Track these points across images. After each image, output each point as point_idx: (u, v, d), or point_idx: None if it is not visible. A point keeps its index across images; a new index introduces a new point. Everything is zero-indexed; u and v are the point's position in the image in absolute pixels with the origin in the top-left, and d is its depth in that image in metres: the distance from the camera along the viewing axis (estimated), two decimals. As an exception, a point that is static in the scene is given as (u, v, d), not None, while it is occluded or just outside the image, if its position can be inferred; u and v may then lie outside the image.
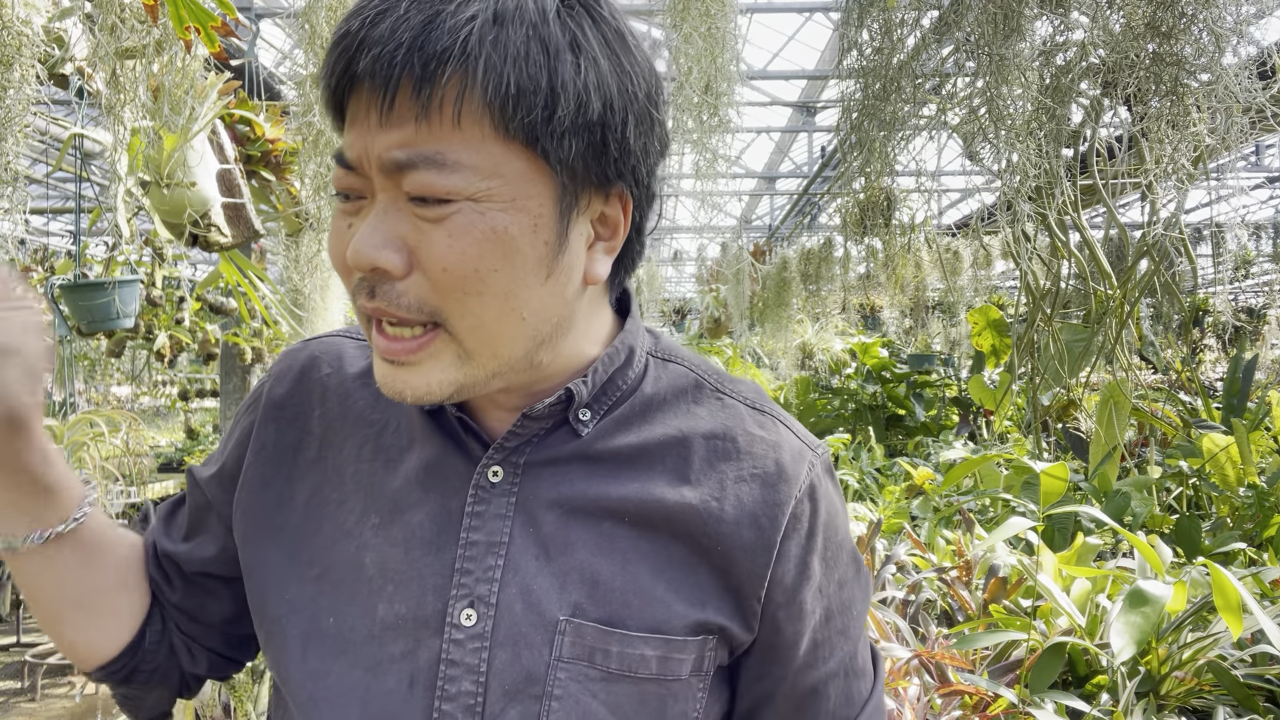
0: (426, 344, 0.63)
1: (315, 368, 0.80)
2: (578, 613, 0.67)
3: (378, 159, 0.60)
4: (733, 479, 0.71)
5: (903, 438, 5.94)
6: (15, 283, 0.66)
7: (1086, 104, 1.95)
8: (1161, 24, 1.70)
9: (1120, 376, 2.71)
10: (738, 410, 0.75)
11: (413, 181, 0.59)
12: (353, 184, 0.63)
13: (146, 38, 1.67)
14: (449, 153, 0.59)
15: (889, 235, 5.03)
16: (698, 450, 0.72)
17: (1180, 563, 2.04)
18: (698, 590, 0.69)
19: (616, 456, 0.71)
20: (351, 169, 0.62)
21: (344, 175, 0.63)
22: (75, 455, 3.89)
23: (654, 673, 0.67)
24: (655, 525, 0.69)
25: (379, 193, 0.61)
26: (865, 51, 2.11)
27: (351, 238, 0.62)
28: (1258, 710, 1.37)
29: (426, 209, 0.60)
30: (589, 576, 0.68)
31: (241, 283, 3.11)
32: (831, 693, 0.74)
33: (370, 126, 0.60)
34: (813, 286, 7.10)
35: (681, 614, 0.68)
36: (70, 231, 8.87)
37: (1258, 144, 7.80)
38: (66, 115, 3.37)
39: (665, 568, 0.69)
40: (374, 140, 0.59)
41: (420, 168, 0.59)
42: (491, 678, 0.65)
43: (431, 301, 0.61)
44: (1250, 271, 9.75)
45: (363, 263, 0.60)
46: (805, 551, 0.71)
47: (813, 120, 7.41)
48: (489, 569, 0.67)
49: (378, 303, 0.62)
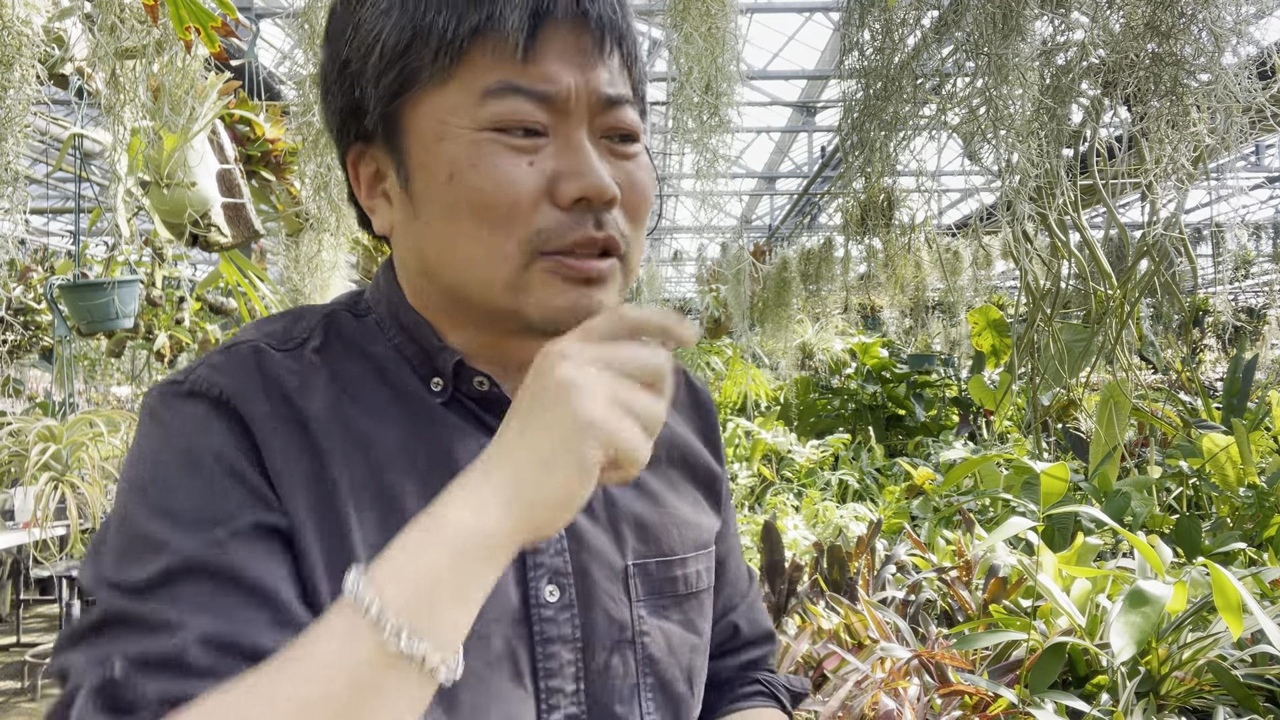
0: (613, 264, 0.65)
1: (278, 377, 0.65)
2: (638, 555, 0.73)
3: (593, 95, 0.62)
4: (681, 408, 0.86)
5: (903, 438, 5.94)
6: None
7: (1086, 104, 1.95)
8: (1161, 24, 1.70)
9: (1120, 376, 2.71)
10: None
11: (619, 118, 0.64)
12: (541, 118, 0.62)
13: (146, 38, 1.67)
14: (630, 96, 0.65)
15: (889, 235, 5.03)
16: None
17: (1180, 563, 2.04)
18: (700, 504, 0.82)
19: None
20: (547, 100, 0.61)
21: (534, 109, 0.61)
22: (75, 455, 3.89)
23: (704, 584, 0.79)
24: (660, 459, 0.79)
25: (576, 129, 0.63)
26: (866, 51, 2.11)
27: (540, 175, 0.62)
28: (1258, 710, 1.37)
29: (627, 145, 0.65)
30: (634, 520, 0.74)
31: (241, 283, 3.11)
32: (731, 564, 0.90)
33: (583, 62, 0.62)
34: (813, 286, 7.11)
35: (705, 526, 0.81)
36: (70, 231, 8.86)
37: (1258, 144, 7.80)
38: (66, 115, 3.37)
39: (676, 493, 0.80)
40: (588, 76, 0.62)
41: (624, 106, 0.64)
42: (588, 639, 0.68)
43: (628, 231, 0.66)
44: (1250, 271, 9.75)
45: (607, 194, 0.62)
46: (722, 451, 0.88)
47: (813, 120, 7.41)
48: (556, 542, 0.69)
49: (608, 232, 0.63)
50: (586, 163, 0.62)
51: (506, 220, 0.61)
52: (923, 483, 3.24)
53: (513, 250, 0.62)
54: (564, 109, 0.62)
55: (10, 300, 5.80)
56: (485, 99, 0.60)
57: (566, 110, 0.62)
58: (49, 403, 5.97)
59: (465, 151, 0.61)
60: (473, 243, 0.63)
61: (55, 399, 5.03)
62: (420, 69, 0.61)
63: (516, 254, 0.62)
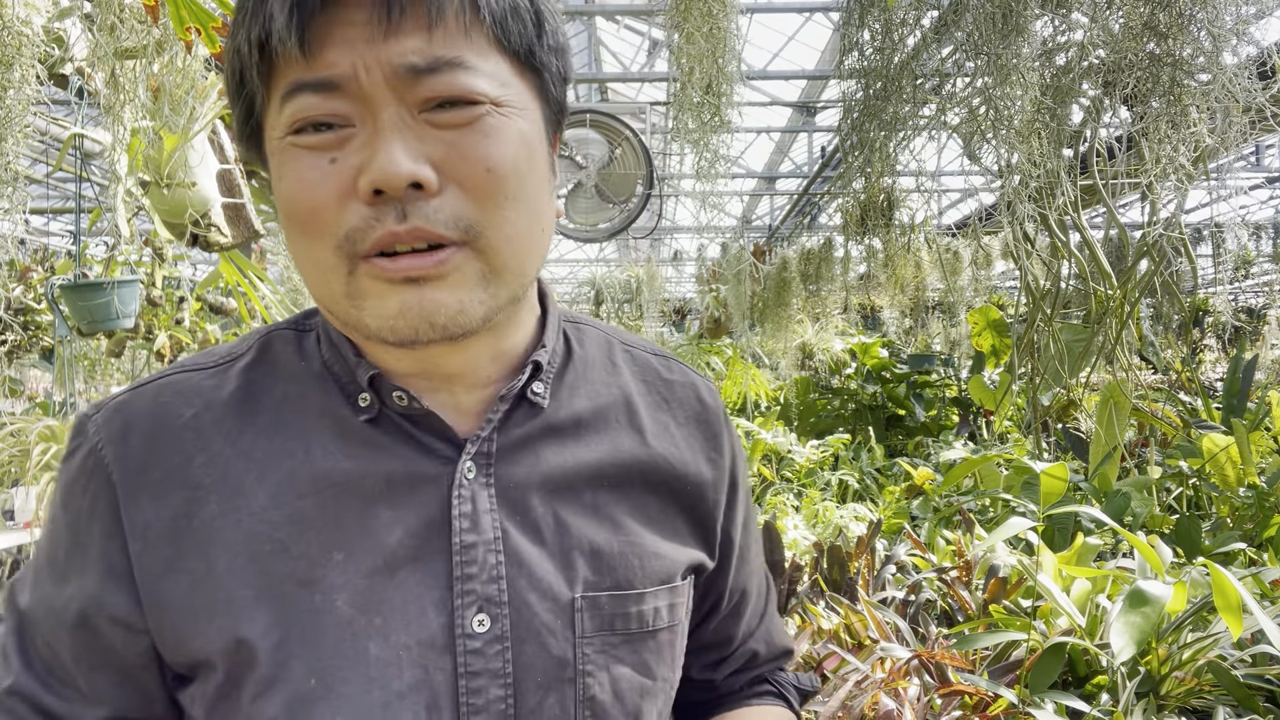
0: (451, 256, 0.58)
1: (170, 413, 0.65)
2: (588, 586, 0.67)
3: (388, 69, 0.56)
4: (675, 424, 0.77)
5: (903, 438, 5.93)
6: None
7: (1086, 104, 1.95)
8: (1160, 24, 1.70)
9: (1120, 376, 2.71)
10: (648, 361, 0.81)
11: (436, 85, 0.57)
12: (336, 109, 0.57)
13: (147, 38, 1.67)
14: (468, 57, 0.58)
15: (889, 235, 5.03)
16: (639, 404, 0.76)
17: (1180, 563, 2.04)
18: (679, 534, 0.75)
19: (578, 423, 0.72)
20: (335, 88, 0.56)
21: (322, 100, 0.57)
22: (75, 455, 3.89)
23: (667, 623, 0.72)
24: (632, 482, 0.72)
25: (382, 111, 0.56)
26: (866, 52, 2.11)
27: (342, 172, 0.57)
28: (1258, 710, 1.37)
29: (454, 112, 0.58)
30: (588, 549, 0.68)
31: (241, 283, 3.11)
32: (753, 589, 0.85)
33: (368, 39, 0.56)
34: (813, 286, 7.10)
35: (675, 561, 0.73)
36: (70, 231, 8.86)
37: (1258, 144, 7.80)
38: (66, 115, 3.37)
39: (647, 521, 0.73)
40: (378, 51, 0.56)
41: (443, 71, 0.57)
42: (520, 675, 0.63)
43: (467, 214, 0.58)
44: (1250, 271, 9.74)
45: (398, 181, 0.55)
46: (733, 471, 0.80)
47: (813, 120, 7.41)
48: (492, 568, 0.64)
49: (413, 223, 0.56)
50: (378, 148, 0.56)
51: (316, 227, 0.58)
52: (923, 483, 3.24)
53: (331, 258, 0.58)
54: (358, 93, 0.56)
55: (10, 300, 5.80)
56: (283, 105, 0.58)
57: (361, 94, 0.56)
58: (49, 403, 5.97)
59: (276, 163, 0.60)
60: (305, 258, 0.61)
61: (55, 399, 5.03)
62: (254, 94, 0.60)
63: (336, 261, 0.58)
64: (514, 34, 0.60)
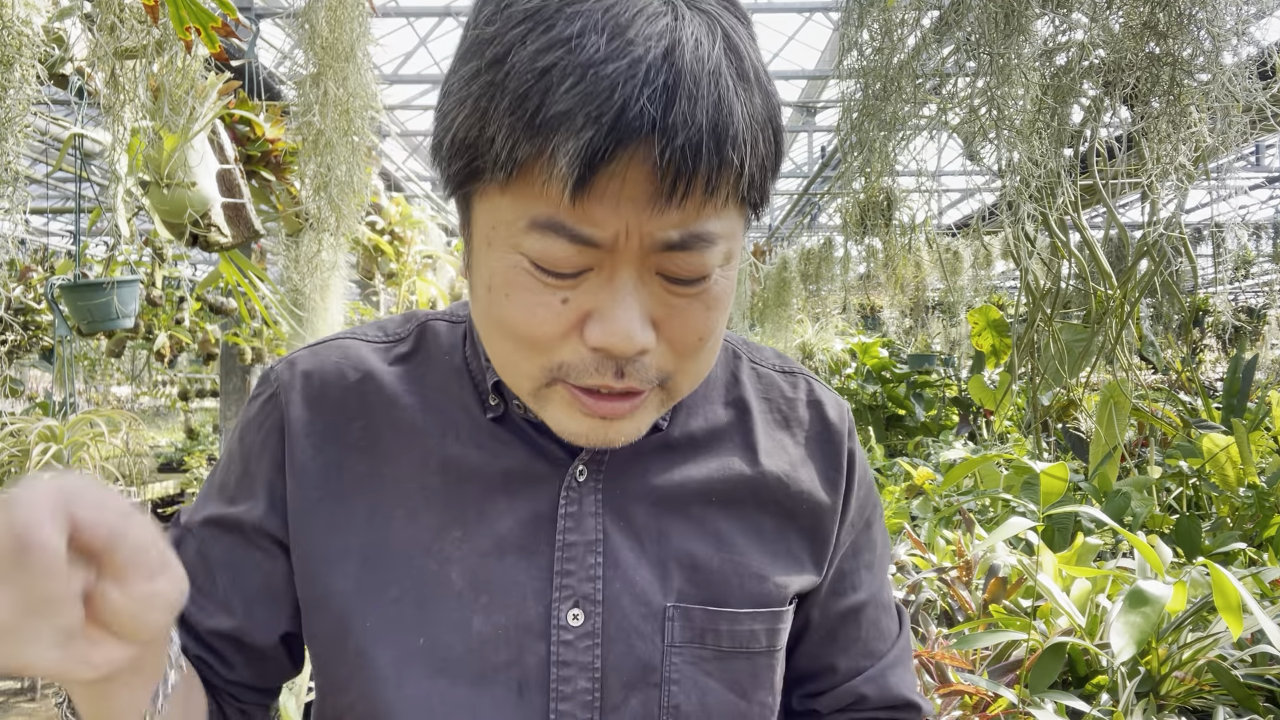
0: (645, 399, 0.61)
1: (340, 376, 0.73)
2: (682, 598, 0.69)
3: (648, 240, 0.55)
4: (794, 443, 0.77)
5: (903, 438, 5.94)
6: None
7: (1087, 104, 1.95)
8: (1160, 24, 1.70)
9: (1120, 376, 2.71)
10: (772, 379, 0.80)
11: (684, 263, 0.56)
12: (586, 262, 0.56)
13: (146, 38, 1.67)
14: (712, 228, 0.56)
15: (889, 235, 5.03)
16: (758, 422, 0.76)
17: (1180, 563, 2.04)
18: (792, 557, 0.74)
19: (693, 441, 0.73)
20: (591, 244, 0.55)
21: (575, 254, 0.55)
22: (76, 455, 3.89)
23: (764, 646, 0.71)
24: (742, 500, 0.73)
25: (624, 269, 0.56)
26: (865, 51, 2.11)
27: (572, 312, 0.57)
28: (1258, 710, 1.37)
29: (685, 286, 0.58)
30: (687, 561, 0.70)
31: (241, 283, 3.11)
32: (864, 621, 0.80)
33: (640, 205, 0.53)
34: (813, 286, 7.10)
35: (781, 584, 0.72)
36: (70, 231, 8.86)
37: (1258, 144, 7.80)
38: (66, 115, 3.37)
39: (759, 540, 0.73)
40: (646, 221, 0.54)
41: (692, 248, 0.56)
42: (608, 672, 0.66)
43: (668, 367, 0.60)
44: (1250, 271, 9.75)
45: (631, 349, 0.56)
46: (852, 492, 0.78)
47: (813, 120, 7.41)
48: (590, 567, 0.67)
49: (629, 382, 0.59)
50: (615, 312, 0.56)
51: (530, 349, 0.59)
52: (923, 483, 3.24)
53: (535, 371, 0.60)
54: (609, 250, 0.55)
55: (10, 300, 5.80)
56: (530, 228, 0.55)
57: (613, 251, 0.55)
58: (49, 403, 5.97)
59: (502, 273, 0.58)
60: (501, 352, 0.62)
61: (55, 399, 5.03)
62: (483, 170, 0.56)
63: (538, 374, 0.60)
64: (756, 189, 0.58)
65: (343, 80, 2.11)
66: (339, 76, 2.11)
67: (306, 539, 0.69)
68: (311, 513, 0.69)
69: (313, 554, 0.69)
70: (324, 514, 0.69)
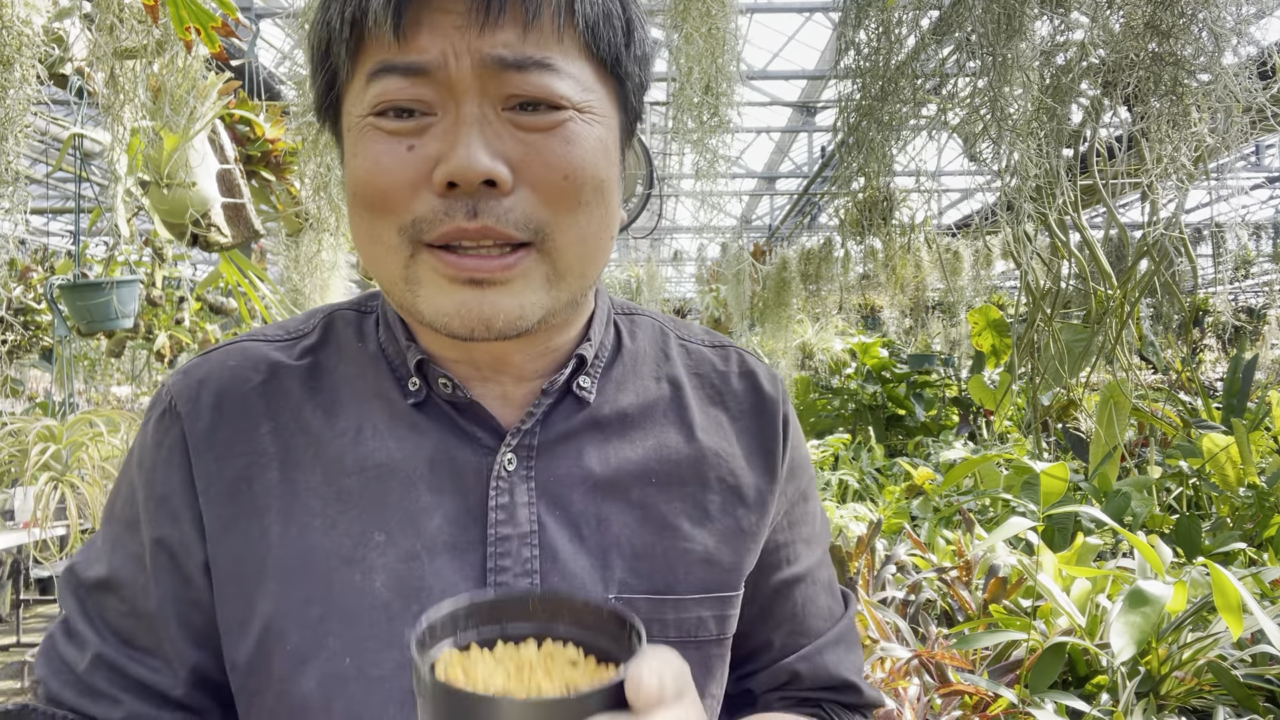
0: (519, 260, 0.58)
1: (240, 379, 0.68)
2: (624, 588, 0.65)
3: (477, 58, 0.55)
4: (729, 418, 0.74)
5: (903, 438, 5.93)
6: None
7: (1086, 104, 1.95)
8: (1161, 24, 1.70)
9: (1120, 376, 2.70)
10: (702, 353, 0.78)
11: (522, 83, 0.56)
12: (421, 94, 0.56)
13: (146, 38, 1.67)
14: (556, 60, 0.57)
15: (889, 235, 5.03)
16: (690, 398, 0.74)
17: (1180, 563, 2.04)
18: (740, 534, 0.71)
19: (624, 418, 0.70)
20: (423, 74, 0.56)
21: (409, 85, 0.56)
22: (75, 455, 3.89)
23: (714, 634, 0.68)
24: (683, 480, 0.70)
25: (465, 103, 0.56)
26: (863, 52, 2.11)
27: (419, 160, 0.57)
28: (1258, 710, 1.37)
29: (537, 116, 0.57)
30: (628, 549, 0.66)
31: (241, 283, 3.11)
32: (798, 596, 0.76)
33: (462, 28, 0.55)
34: (813, 286, 7.10)
35: (730, 566, 0.69)
36: (70, 231, 8.86)
37: (1258, 144, 7.80)
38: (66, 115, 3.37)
39: (704, 522, 0.69)
40: (470, 40, 0.55)
41: (530, 70, 0.56)
42: None
43: (539, 216, 0.58)
44: (1250, 271, 9.74)
45: (474, 175, 0.55)
46: (787, 466, 0.75)
47: (813, 120, 7.42)
48: (525, 561, 0.63)
49: (483, 221, 0.56)
50: (456, 142, 0.56)
51: (384, 208, 0.58)
52: (923, 483, 3.24)
53: (395, 239, 0.59)
54: (444, 81, 0.56)
55: (10, 300, 5.80)
56: (368, 84, 0.58)
57: (448, 82, 0.56)
58: (49, 403, 5.97)
59: (352, 141, 0.60)
60: (365, 234, 0.61)
61: (55, 399, 5.03)
62: (338, 68, 0.60)
63: (398, 242, 0.59)
64: (604, 41, 0.59)
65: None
66: (339, 76, 2.11)
67: (224, 559, 0.63)
68: (225, 531, 0.64)
69: (230, 575, 0.63)
70: (238, 532, 0.63)
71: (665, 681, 0.41)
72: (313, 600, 0.62)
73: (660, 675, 0.41)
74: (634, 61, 0.63)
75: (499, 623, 0.49)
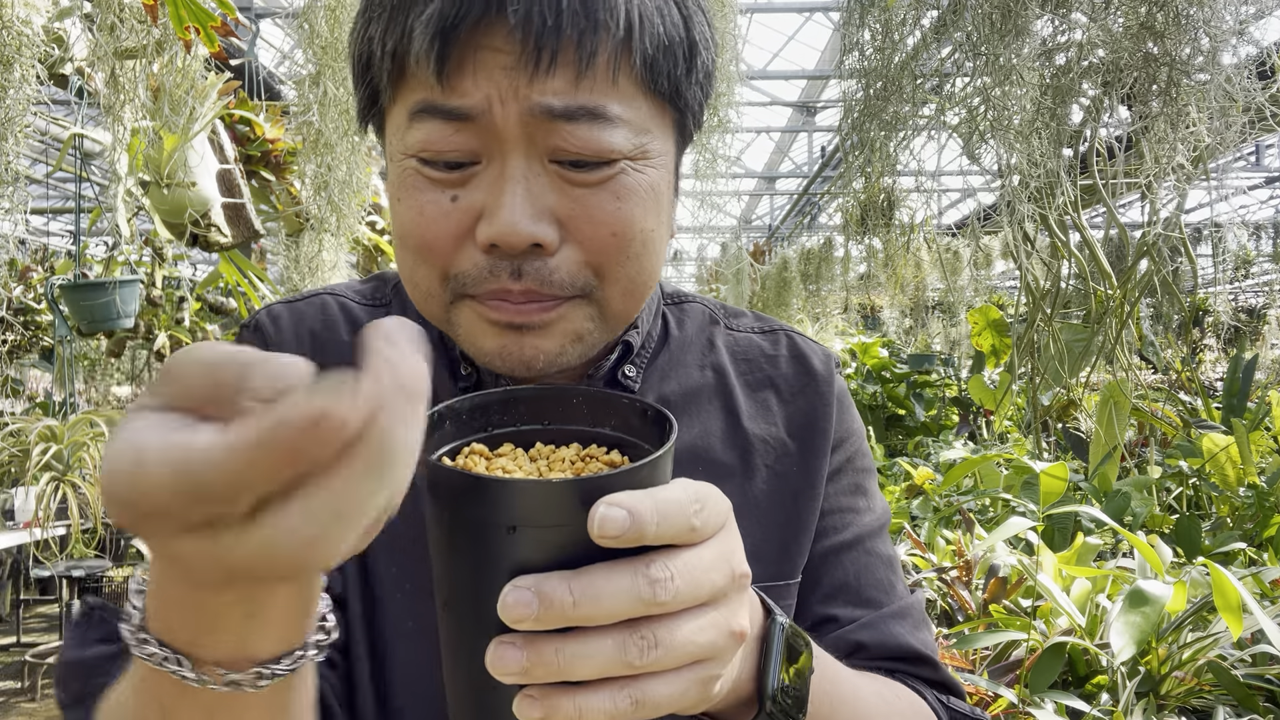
0: (561, 309, 0.57)
1: (329, 327, 0.70)
2: None
3: (525, 106, 0.52)
4: (779, 401, 0.73)
5: (903, 438, 5.93)
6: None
7: (1086, 104, 1.95)
8: (1160, 24, 1.70)
9: (1120, 376, 2.70)
10: (750, 340, 0.76)
11: (570, 137, 0.53)
12: (464, 144, 0.54)
13: (146, 38, 1.67)
14: (610, 107, 0.54)
15: (889, 235, 5.03)
16: (736, 384, 0.72)
17: (1180, 563, 2.04)
18: (786, 525, 0.69)
19: (668, 405, 0.69)
20: (466, 119, 0.53)
21: (452, 133, 0.53)
22: (76, 455, 3.89)
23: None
24: (731, 469, 0.69)
25: (511, 155, 0.53)
26: (866, 51, 2.11)
27: (462, 212, 0.55)
28: (1258, 710, 1.37)
29: (585, 173, 0.54)
30: None
31: (241, 283, 3.11)
32: (849, 563, 0.72)
33: (511, 70, 0.52)
34: (813, 286, 7.11)
35: (778, 556, 0.68)
36: (70, 231, 8.86)
37: (1258, 144, 7.81)
38: (66, 115, 3.37)
39: (753, 512, 0.68)
40: (520, 86, 0.52)
41: (580, 121, 0.53)
42: None
43: (584, 275, 0.56)
44: (1250, 271, 9.75)
45: (519, 241, 0.53)
46: (838, 442, 0.73)
47: (813, 120, 7.42)
48: None
49: (526, 283, 0.54)
50: (501, 201, 0.53)
51: (426, 258, 0.57)
52: (923, 482, 3.24)
53: (437, 288, 0.58)
54: (489, 128, 0.53)
55: (10, 300, 5.80)
56: (411, 122, 0.55)
57: (493, 129, 0.53)
58: (49, 403, 5.97)
59: (396, 180, 0.58)
60: (409, 275, 0.60)
61: (55, 399, 5.03)
62: (379, 89, 0.58)
63: (440, 292, 0.58)
64: (663, 75, 0.56)
65: (342, 80, 2.11)
66: (338, 76, 2.11)
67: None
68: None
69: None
70: None
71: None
72: (402, 576, 0.63)
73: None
74: (695, 86, 0.60)
75: (540, 421, 0.47)
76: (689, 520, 0.39)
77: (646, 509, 0.37)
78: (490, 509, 0.37)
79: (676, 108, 0.59)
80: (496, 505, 0.37)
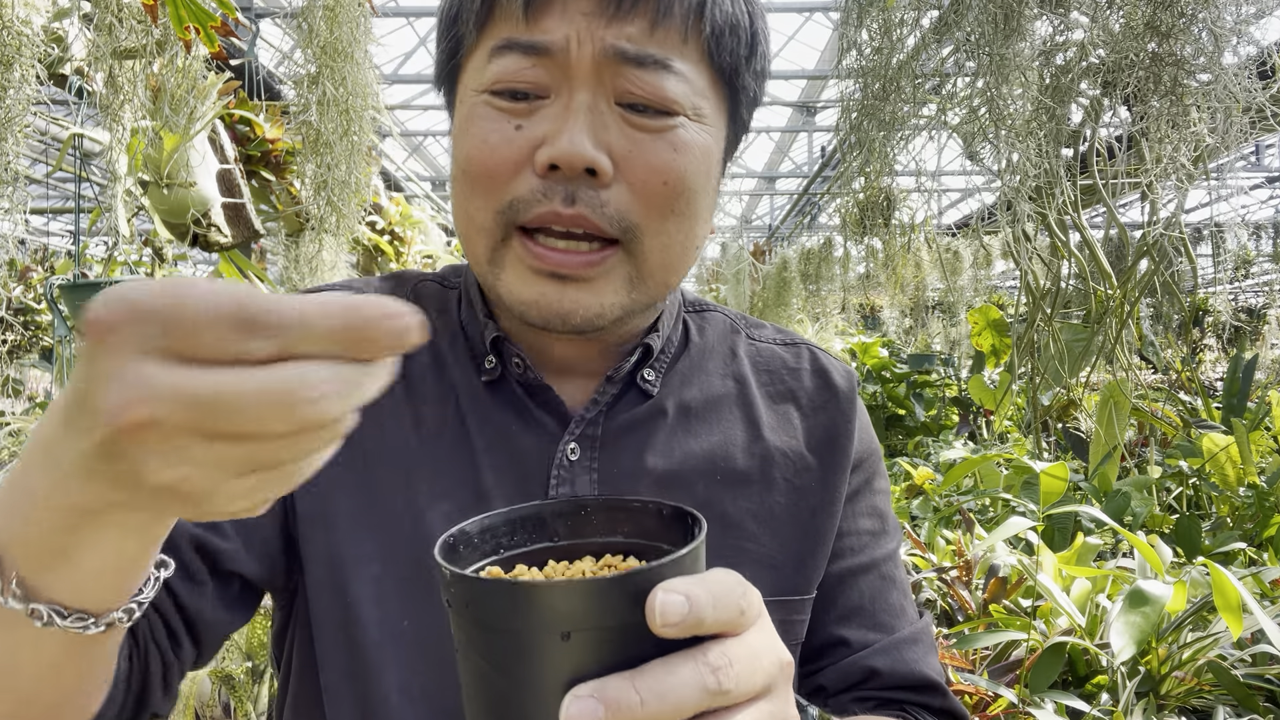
0: (604, 259, 0.58)
1: None
2: None
3: (600, 47, 0.55)
4: (800, 415, 0.73)
5: (903, 437, 5.93)
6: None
7: (1086, 104, 1.95)
8: (1161, 24, 1.70)
9: (1120, 376, 2.70)
10: (773, 351, 0.76)
11: (639, 81, 0.56)
12: (537, 78, 0.57)
13: (146, 38, 1.67)
14: (676, 62, 0.57)
15: (889, 235, 5.03)
16: (757, 395, 0.72)
17: (1180, 563, 2.04)
18: (804, 538, 0.69)
19: (688, 412, 0.69)
20: (544, 54, 0.56)
21: (529, 66, 0.56)
22: (75, 455, 3.88)
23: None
24: (750, 479, 0.69)
25: (579, 90, 0.56)
26: (865, 51, 2.11)
27: (525, 140, 0.56)
28: (1258, 710, 1.37)
29: (646, 118, 0.57)
30: None
31: (241, 283, 3.11)
32: (863, 586, 0.73)
33: (591, 14, 0.55)
34: (813, 286, 7.10)
35: (794, 569, 0.68)
36: (70, 231, 8.86)
37: (1258, 144, 7.81)
38: (66, 115, 3.37)
39: (770, 523, 0.68)
40: (595, 28, 0.55)
41: (649, 67, 0.56)
42: None
43: (631, 216, 0.58)
44: (1250, 271, 9.75)
45: (577, 161, 0.55)
46: (853, 460, 0.74)
47: (813, 120, 7.42)
48: None
49: (579, 209, 0.56)
50: (563, 126, 0.56)
51: (485, 187, 0.58)
52: (923, 482, 3.24)
53: (490, 221, 0.59)
54: (563, 64, 0.56)
55: (10, 300, 5.80)
56: (490, 59, 0.58)
57: (566, 66, 0.56)
58: (49, 402, 5.95)
59: (464, 115, 0.60)
60: (462, 211, 0.61)
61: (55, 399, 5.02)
62: (464, 36, 0.60)
63: (493, 226, 0.59)
64: (726, 50, 0.59)
65: (341, 80, 2.11)
66: (338, 76, 2.11)
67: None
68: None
69: (307, 495, 0.63)
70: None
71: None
72: (375, 555, 0.63)
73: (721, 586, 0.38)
74: (753, 75, 0.63)
75: (550, 539, 0.46)
76: (739, 604, 0.38)
77: (702, 593, 0.37)
78: (542, 615, 0.35)
79: (733, 89, 0.61)
80: (550, 611, 0.35)
